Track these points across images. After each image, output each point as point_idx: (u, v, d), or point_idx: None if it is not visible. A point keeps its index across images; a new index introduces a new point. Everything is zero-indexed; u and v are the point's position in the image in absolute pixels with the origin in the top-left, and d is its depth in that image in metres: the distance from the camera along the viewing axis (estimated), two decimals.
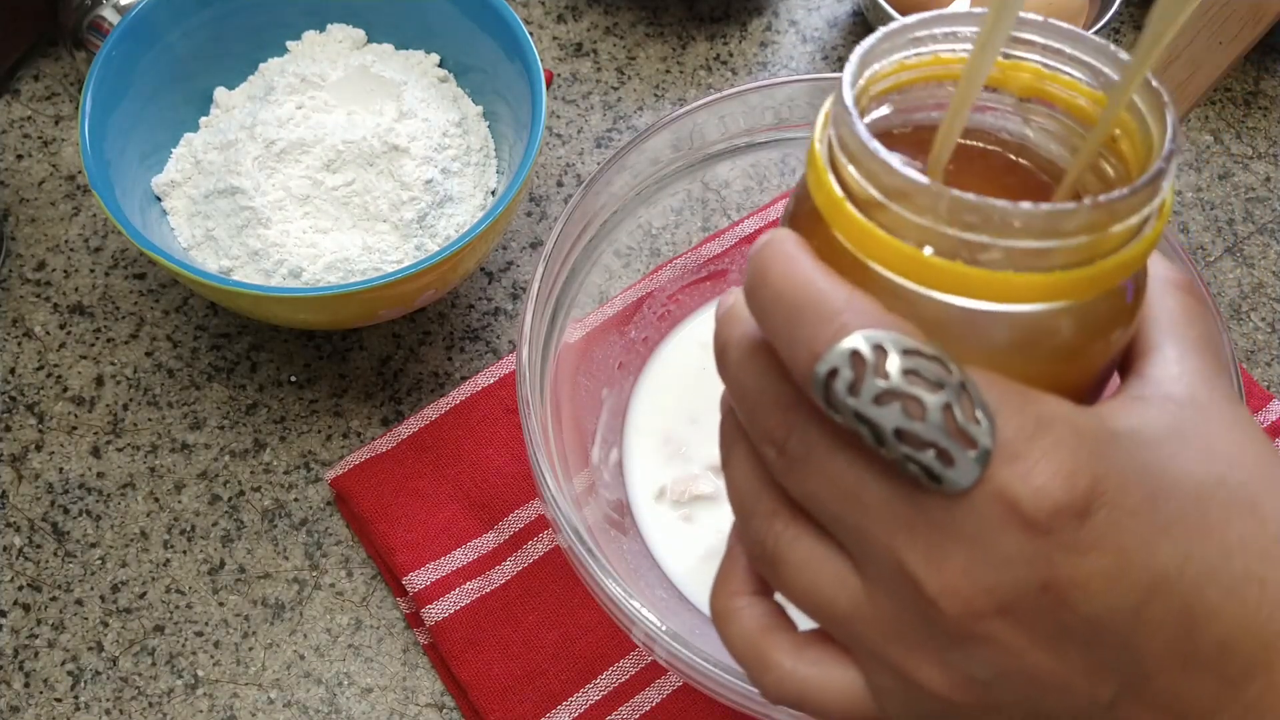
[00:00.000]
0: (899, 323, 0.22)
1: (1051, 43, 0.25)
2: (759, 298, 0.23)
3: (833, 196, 0.23)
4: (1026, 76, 0.25)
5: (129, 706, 0.46)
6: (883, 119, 0.26)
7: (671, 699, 0.46)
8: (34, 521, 0.49)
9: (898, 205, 0.22)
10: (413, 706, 0.46)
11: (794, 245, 0.23)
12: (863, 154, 0.22)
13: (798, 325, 0.22)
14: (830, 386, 0.22)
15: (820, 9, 0.66)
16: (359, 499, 0.49)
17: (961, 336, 0.23)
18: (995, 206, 0.21)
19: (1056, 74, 0.25)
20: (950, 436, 0.21)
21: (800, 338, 0.22)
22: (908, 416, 0.21)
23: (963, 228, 0.21)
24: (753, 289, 0.24)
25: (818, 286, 0.22)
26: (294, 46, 0.54)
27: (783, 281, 0.23)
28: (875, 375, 0.21)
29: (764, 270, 0.23)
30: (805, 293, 0.22)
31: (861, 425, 0.22)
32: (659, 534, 0.47)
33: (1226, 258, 0.59)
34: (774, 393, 0.24)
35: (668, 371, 0.51)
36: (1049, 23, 0.24)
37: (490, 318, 0.55)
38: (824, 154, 0.24)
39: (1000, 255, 0.22)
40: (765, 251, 0.24)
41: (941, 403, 0.21)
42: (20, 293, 0.54)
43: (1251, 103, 0.64)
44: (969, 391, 0.21)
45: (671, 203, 0.50)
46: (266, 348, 0.54)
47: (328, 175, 0.50)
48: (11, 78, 0.61)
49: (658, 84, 0.63)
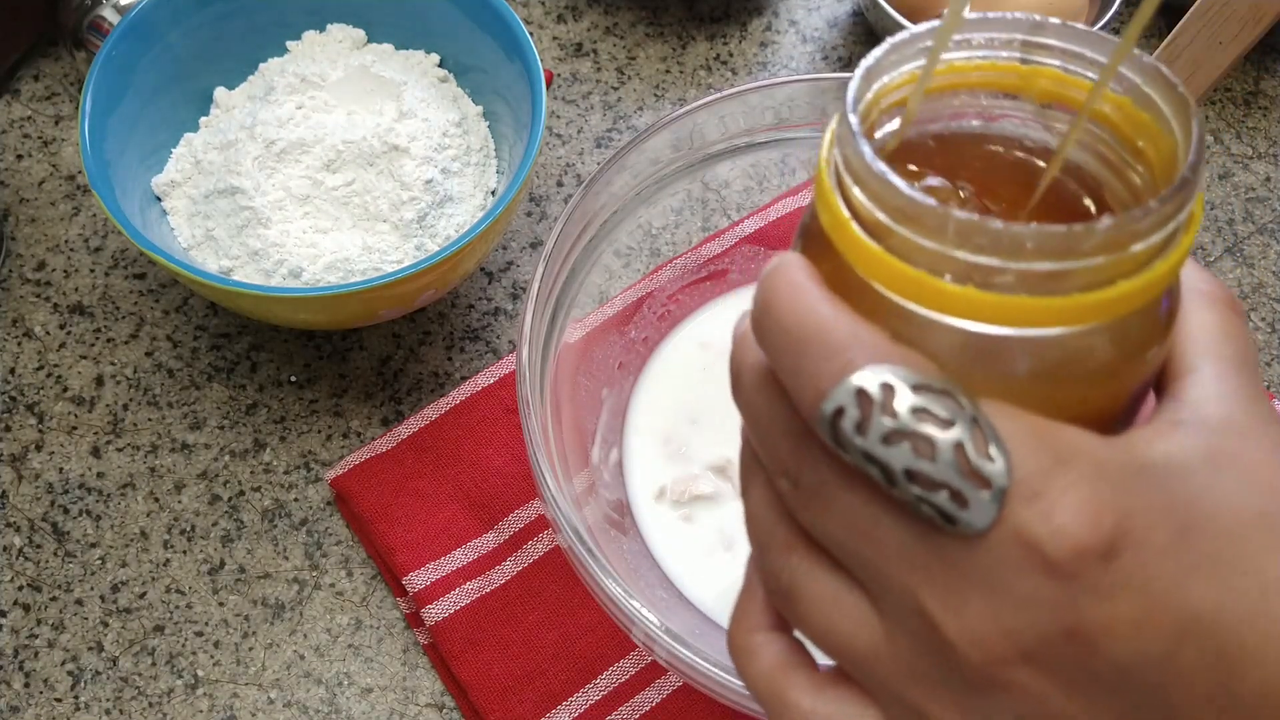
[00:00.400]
0: (907, 355, 0.21)
1: (1070, 46, 0.24)
2: (764, 328, 0.23)
3: (839, 219, 0.22)
4: (1045, 82, 0.24)
5: (129, 706, 0.46)
6: (895, 133, 0.25)
7: (671, 699, 0.46)
8: (34, 521, 0.49)
9: (905, 228, 0.21)
10: (413, 706, 0.46)
11: (800, 272, 0.23)
12: (867, 175, 0.22)
13: (802, 360, 0.22)
14: (837, 426, 0.21)
15: (820, 9, 0.66)
16: (359, 499, 0.49)
17: (976, 365, 0.22)
18: (1005, 228, 0.20)
19: (1077, 78, 0.24)
20: (963, 476, 0.20)
21: (805, 374, 0.21)
22: (918, 456, 0.20)
23: (973, 251, 0.21)
24: (759, 318, 0.23)
25: (823, 318, 0.22)
26: (294, 46, 0.54)
27: (788, 312, 0.22)
28: (883, 414, 0.20)
29: (769, 299, 0.22)
30: (810, 325, 0.22)
31: (871, 466, 0.21)
32: (659, 534, 0.47)
33: (1226, 258, 0.59)
34: (785, 423, 0.23)
35: (668, 371, 0.51)
36: (1067, 25, 0.24)
37: (490, 318, 0.55)
38: (830, 175, 0.23)
39: (1013, 278, 0.21)
40: (771, 279, 0.23)
41: (953, 441, 0.20)
42: (20, 293, 0.54)
43: (1251, 103, 0.64)
44: (982, 427, 0.21)
45: (671, 203, 0.50)
46: (266, 348, 0.54)
47: (328, 175, 0.50)
48: (11, 78, 0.61)
49: (658, 84, 0.63)
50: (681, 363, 0.51)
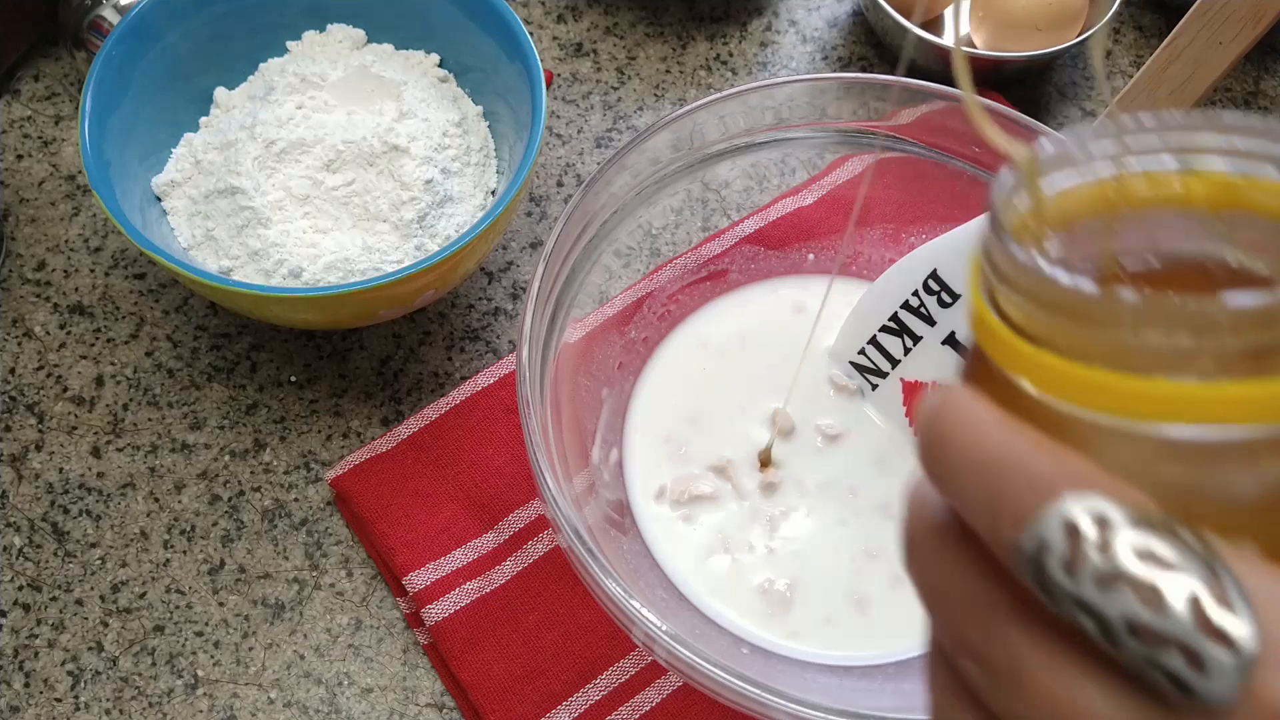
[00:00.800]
0: (1118, 485, 0.18)
1: (1236, 142, 0.21)
2: (942, 464, 0.20)
3: (997, 333, 0.20)
4: (1211, 187, 0.21)
5: (129, 706, 0.46)
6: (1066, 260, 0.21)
7: (671, 699, 0.46)
8: (34, 521, 0.49)
9: (1073, 325, 0.18)
10: (413, 706, 0.46)
11: (974, 400, 0.20)
12: (1019, 273, 0.19)
13: (996, 490, 0.19)
14: (1041, 564, 0.18)
15: (820, 9, 0.66)
16: (359, 499, 0.49)
17: (1193, 487, 0.18)
18: (1193, 301, 0.17)
19: (1250, 178, 0.20)
20: (1202, 633, 0.17)
21: (1001, 504, 0.18)
22: (1143, 605, 0.17)
23: (1163, 333, 0.17)
24: (933, 456, 0.20)
25: (1014, 443, 0.19)
26: (294, 46, 0.54)
27: (972, 444, 0.19)
28: (1097, 551, 0.17)
29: (946, 434, 0.20)
30: (1000, 452, 0.19)
31: (1083, 615, 0.17)
32: (659, 534, 0.47)
33: None
34: (970, 593, 0.20)
35: (668, 371, 0.51)
36: (1228, 120, 0.21)
37: (490, 318, 0.55)
38: (981, 289, 0.20)
39: (1214, 360, 0.17)
40: (943, 412, 0.20)
41: (1185, 588, 0.17)
42: (20, 293, 0.54)
43: (1251, 103, 0.64)
44: (1218, 572, 0.17)
45: (671, 203, 0.50)
46: (266, 348, 0.54)
47: (328, 175, 0.50)
48: (11, 78, 0.61)
49: (658, 84, 0.63)
50: (681, 363, 0.51)
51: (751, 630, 0.45)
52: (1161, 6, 0.67)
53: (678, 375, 0.51)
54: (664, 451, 0.49)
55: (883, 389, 0.50)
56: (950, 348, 0.47)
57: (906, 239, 0.52)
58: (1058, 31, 0.60)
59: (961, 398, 0.20)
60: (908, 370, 0.49)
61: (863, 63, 0.64)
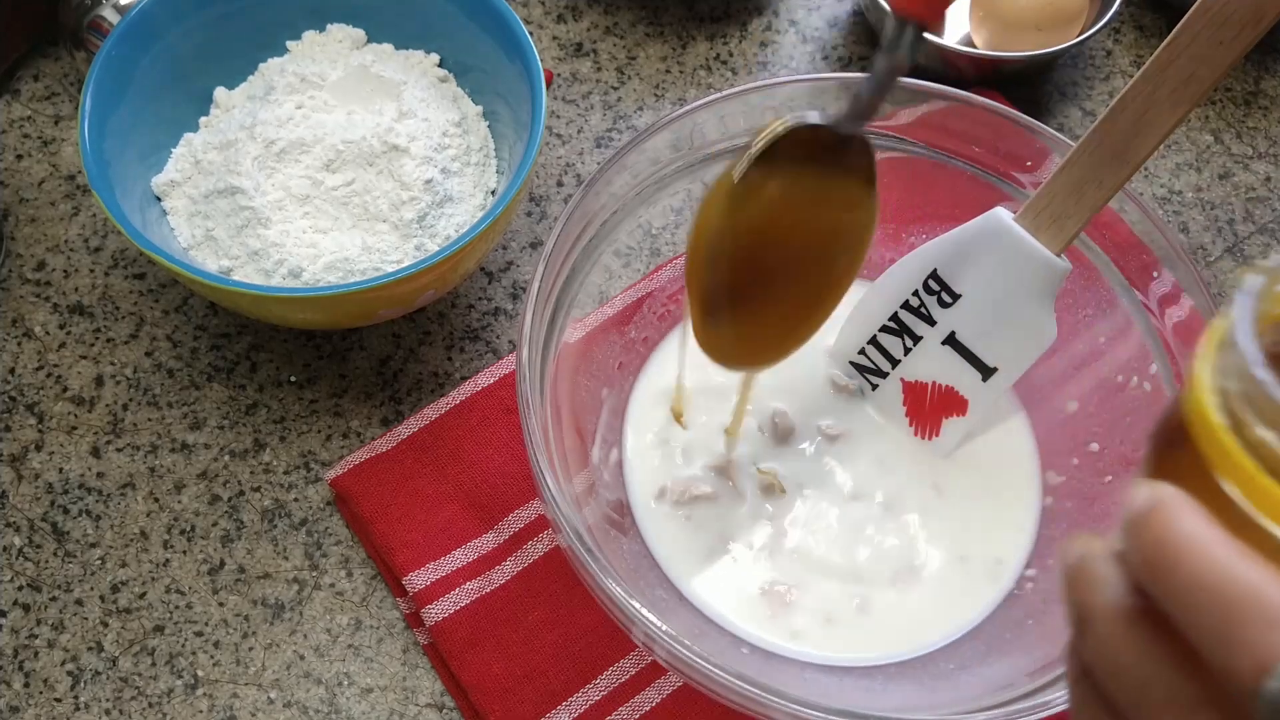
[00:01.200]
0: None
1: None
2: (1172, 585, 0.20)
3: (1245, 469, 0.19)
4: None
5: (129, 706, 0.46)
6: None
7: (671, 699, 0.46)
8: (34, 521, 0.49)
9: None
10: (413, 707, 0.46)
11: (1196, 517, 0.20)
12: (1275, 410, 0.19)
13: (1234, 627, 0.19)
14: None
15: (820, 9, 0.66)
16: (359, 499, 0.49)
17: None
18: None
19: None
20: None
21: (1240, 644, 0.18)
22: None
23: None
24: (1160, 574, 0.20)
25: (1255, 581, 0.19)
26: (294, 46, 0.54)
27: (1206, 571, 0.19)
28: None
29: (1175, 554, 0.20)
30: (1239, 589, 0.19)
31: None
32: (659, 534, 0.47)
33: (1226, 258, 0.59)
34: (1173, 686, 0.20)
35: (668, 371, 0.50)
36: None
37: (490, 318, 0.55)
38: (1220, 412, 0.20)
39: None
40: (1163, 525, 0.20)
41: None
42: (20, 293, 0.54)
43: (1251, 103, 0.64)
44: None
45: (671, 203, 0.50)
46: (266, 348, 0.54)
47: (328, 175, 0.50)
48: (11, 78, 0.61)
49: (658, 84, 0.63)
50: None
51: (751, 630, 0.45)
52: (1161, 6, 0.67)
53: (678, 375, 0.51)
54: (664, 451, 0.49)
55: (883, 389, 0.50)
56: (950, 348, 0.47)
57: (906, 239, 0.52)
58: (1058, 31, 0.60)
59: (1185, 510, 0.20)
60: (908, 370, 0.49)
61: (863, 63, 0.64)
